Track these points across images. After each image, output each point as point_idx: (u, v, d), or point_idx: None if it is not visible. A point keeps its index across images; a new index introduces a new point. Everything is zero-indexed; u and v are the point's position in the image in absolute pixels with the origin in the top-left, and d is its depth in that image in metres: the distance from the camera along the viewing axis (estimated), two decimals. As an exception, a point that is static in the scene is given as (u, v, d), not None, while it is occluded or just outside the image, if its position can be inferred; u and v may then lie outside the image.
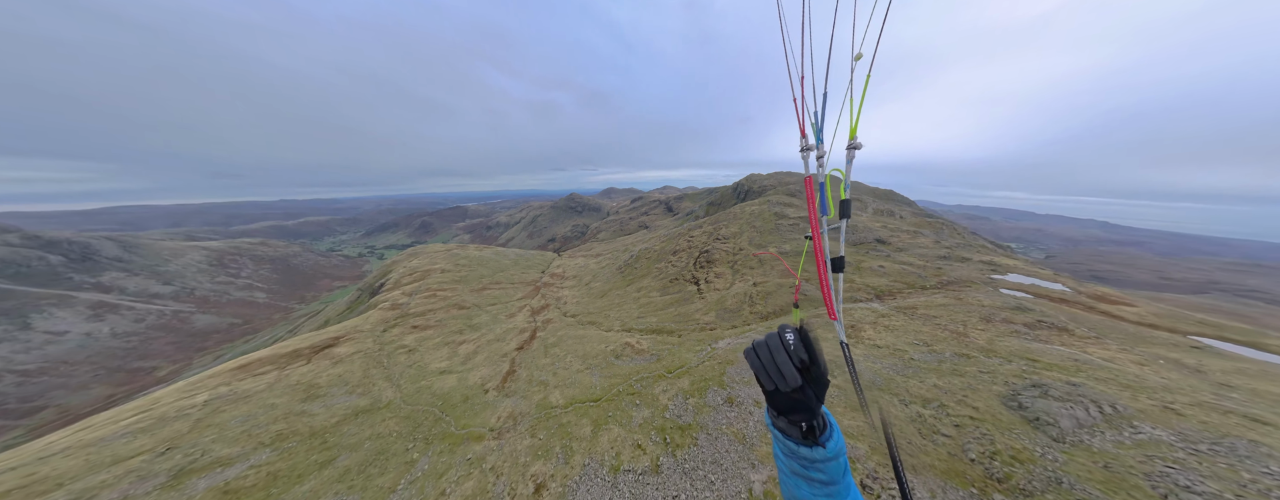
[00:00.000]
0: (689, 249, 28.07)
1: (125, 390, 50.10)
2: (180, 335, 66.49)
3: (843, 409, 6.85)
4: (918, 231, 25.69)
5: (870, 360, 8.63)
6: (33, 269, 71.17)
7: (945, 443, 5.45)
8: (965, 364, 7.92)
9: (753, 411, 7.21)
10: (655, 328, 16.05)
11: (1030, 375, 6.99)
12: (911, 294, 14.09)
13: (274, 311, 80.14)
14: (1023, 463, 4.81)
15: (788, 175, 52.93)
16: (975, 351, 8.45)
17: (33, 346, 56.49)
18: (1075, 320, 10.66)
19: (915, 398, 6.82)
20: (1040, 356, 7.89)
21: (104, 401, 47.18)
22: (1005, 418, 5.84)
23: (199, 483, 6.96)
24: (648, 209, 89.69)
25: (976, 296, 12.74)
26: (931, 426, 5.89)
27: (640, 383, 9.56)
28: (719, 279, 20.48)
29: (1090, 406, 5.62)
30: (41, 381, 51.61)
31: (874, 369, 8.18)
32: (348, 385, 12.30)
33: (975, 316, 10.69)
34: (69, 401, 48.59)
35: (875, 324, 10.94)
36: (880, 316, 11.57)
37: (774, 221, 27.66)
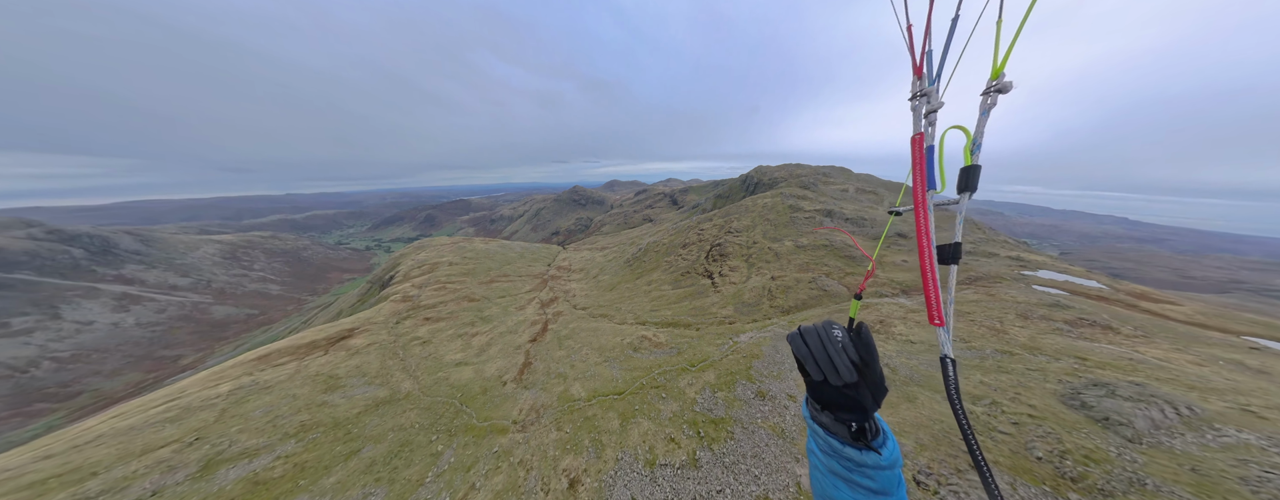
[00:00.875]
0: (699, 242, 27.61)
1: (154, 377, 52.46)
2: (201, 325, 68.98)
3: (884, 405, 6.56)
4: (937, 226, 24.77)
5: (905, 356, 8.29)
6: (57, 262, 73.68)
7: (1005, 440, 5.14)
8: (1009, 361, 7.54)
9: (788, 405, 6.99)
10: (670, 321, 15.83)
11: (1083, 374, 6.61)
12: None
13: (288, 303, 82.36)
14: (1097, 463, 4.49)
15: (798, 167, 51.53)
16: (1018, 348, 8.05)
17: (65, 335, 59.20)
18: (1119, 318, 10.14)
19: (963, 394, 6.51)
20: (1089, 355, 7.48)
21: (134, 387, 49.55)
22: (1068, 416, 5.48)
23: (228, 473, 6.98)
24: (652, 202, 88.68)
25: (1009, 293, 12.25)
26: (987, 423, 5.56)
27: (663, 376, 9.37)
28: (734, 273, 20.09)
29: (1165, 408, 5.23)
30: (76, 368, 54.23)
31: (911, 365, 7.84)
32: (366, 376, 12.34)
33: (1011, 313, 10.24)
34: (103, 387, 51.19)
35: (905, 319, 10.54)
36: (909, 312, 11.16)
37: (789, 214, 26.91)
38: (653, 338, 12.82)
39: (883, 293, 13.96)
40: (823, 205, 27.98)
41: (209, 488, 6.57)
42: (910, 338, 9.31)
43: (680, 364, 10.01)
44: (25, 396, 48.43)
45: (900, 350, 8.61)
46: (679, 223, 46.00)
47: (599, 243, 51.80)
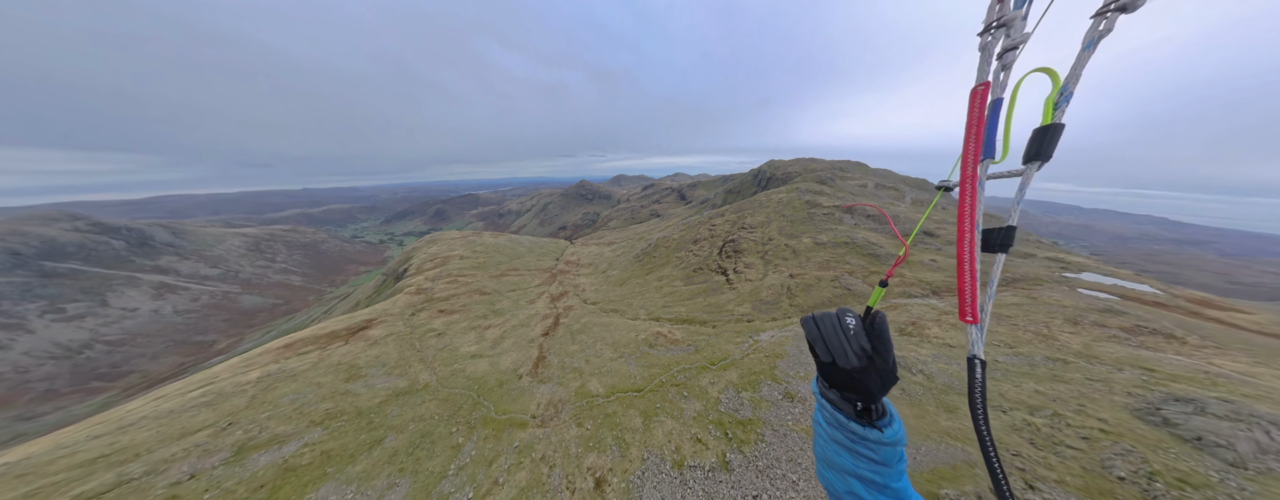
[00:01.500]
0: (711, 238, 27.01)
1: (193, 360, 55.92)
2: (231, 313, 73.14)
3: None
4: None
5: (943, 361, 7.76)
6: (101, 253, 78.86)
7: (1075, 456, 4.67)
8: (1064, 369, 6.93)
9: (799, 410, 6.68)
10: (685, 318, 15.53)
11: (1156, 387, 5.98)
12: None
13: (309, 293, 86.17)
14: (1197, 488, 3.99)
15: (813, 162, 49.67)
16: (1072, 356, 7.42)
17: (112, 321, 64.01)
18: (1184, 327, 9.27)
19: (1015, 403, 5.97)
20: (1156, 366, 6.80)
21: (176, 369, 53.13)
22: (1148, 434, 4.93)
23: (259, 458, 7.15)
24: (659, 197, 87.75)
25: (1052, 296, 11.42)
26: (1049, 437, 5.08)
27: (683, 374, 9.12)
28: (749, 270, 19.56)
29: (1271, 430, 4.61)
30: (124, 350, 58.79)
31: (950, 372, 7.32)
32: (386, 366, 12.56)
33: (1058, 318, 9.50)
34: (148, 368, 55.25)
35: (939, 322, 9.92)
36: (943, 313, 10.52)
37: (805, 211, 25.93)
38: (668, 334, 12.57)
39: (911, 293, 13.26)
40: (841, 201, 26.89)
41: (242, 472, 6.74)
42: (947, 341, 8.74)
43: (700, 362, 9.73)
44: (83, 375, 52.92)
45: (936, 355, 8.08)
46: (688, 218, 45.29)
47: (606, 238, 51.66)
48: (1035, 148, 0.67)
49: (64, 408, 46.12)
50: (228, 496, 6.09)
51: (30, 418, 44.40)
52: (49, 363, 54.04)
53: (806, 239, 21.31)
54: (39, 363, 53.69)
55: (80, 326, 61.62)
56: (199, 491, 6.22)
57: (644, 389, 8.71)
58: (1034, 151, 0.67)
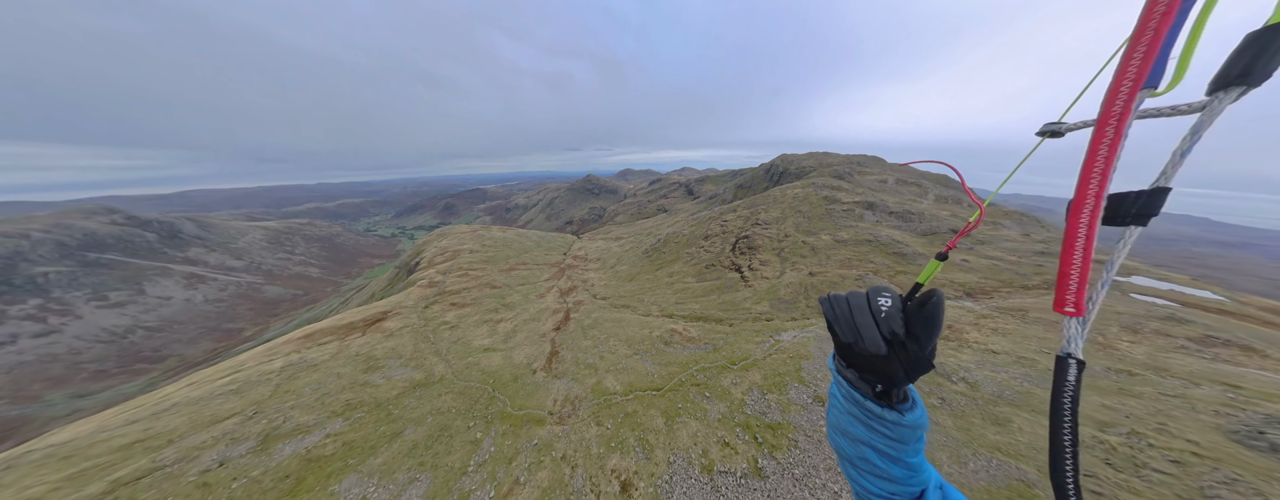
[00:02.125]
0: (723, 234, 26.33)
1: (224, 346, 59.22)
2: (256, 303, 76.92)
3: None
4: (997, 223, 22.06)
5: (988, 368, 7.16)
6: (136, 244, 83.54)
7: (1166, 481, 4.14)
8: (1131, 383, 6.27)
9: None
10: (700, 315, 15.18)
11: (1247, 406, 5.30)
12: (1012, 293, 12.06)
13: (327, 285, 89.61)
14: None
15: (828, 156, 47.68)
16: (1138, 368, 6.71)
17: (150, 308, 68.32)
18: (1260, 338, 8.32)
19: (1083, 418, 5.42)
20: (1241, 382, 6.05)
21: (210, 354, 56.57)
22: (1255, 461, 4.34)
23: (284, 447, 7.23)
24: (666, 192, 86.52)
25: None
26: (1129, 458, 4.54)
27: (703, 373, 8.82)
28: (766, 267, 18.92)
29: None
30: (162, 336, 62.76)
31: (1000, 380, 6.74)
32: (402, 358, 12.70)
33: (1113, 325, 8.71)
34: (185, 352, 58.90)
35: (978, 325, 9.25)
36: (981, 317, 9.80)
37: (824, 207, 24.85)
38: (683, 332, 12.28)
39: (946, 295, 12.50)
40: (862, 197, 25.61)
41: (268, 462, 6.82)
42: (990, 347, 8.08)
43: (719, 361, 9.40)
44: (128, 358, 56.62)
45: (979, 360, 7.47)
46: (697, 213, 44.42)
47: (613, 232, 51.37)
48: (1244, 63, 0.39)
49: (113, 387, 49.97)
50: (255, 486, 6.16)
51: (85, 395, 48.33)
52: (97, 346, 58.33)
53: (826, 236, 20.46)
54: (89, 345, 58.02)
55: (122, 313, 66.01)
56: (227, 480, 6.32)
57: (663, 388, 8.45)
58: (1242, 68, 0.40)
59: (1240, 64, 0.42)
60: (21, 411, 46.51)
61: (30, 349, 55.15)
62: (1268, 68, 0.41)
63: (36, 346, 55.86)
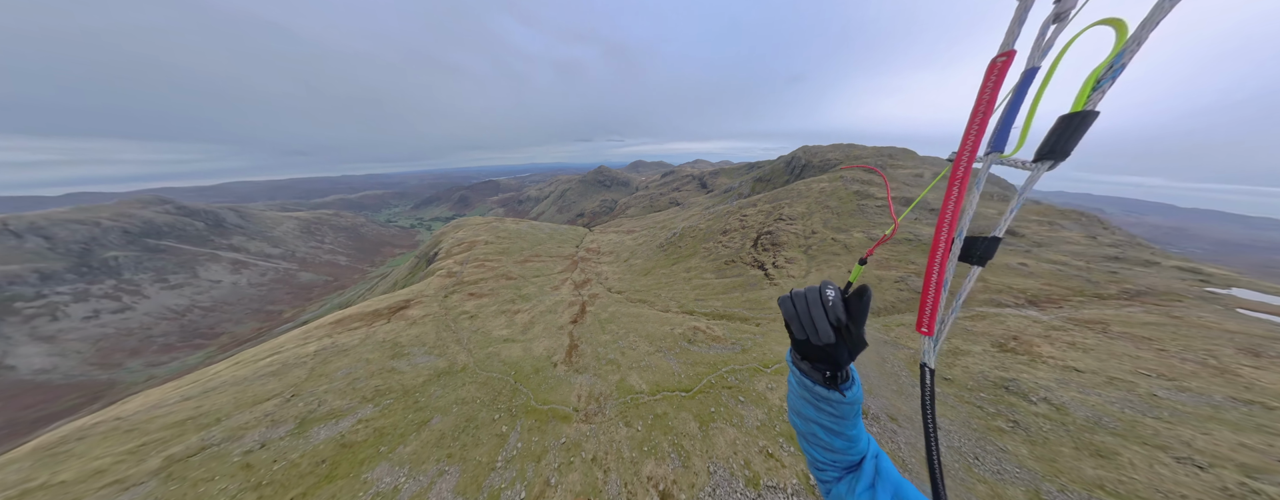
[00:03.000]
0: (743, 229, 25.20)
1: (266, 326, 65.32)
2: (292, 287, 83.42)
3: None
4: (1053, 223, 19.60)
5: (1072, 388, 6.16)
6: (187, 232, 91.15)
7: None
8: (1271, 417, 5.17)
9: (895, 431, 5.64)
10: (722, 313, 14.56)
11: None
12: (1086, 303, 10.67)
13: (354, 272, 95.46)
14: None
15: (854, 148, 44.46)
16: (1274, 400, 5.53)
17: (203, 290, 75.54)
18: None
19: (1217, 458, 4.45)
20: None
21: (256, 332, 62.46)
22: None
23: (319, 432, 7.38)
24: (679, 184, 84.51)
25: (1201, 316, 8.99)
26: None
27: (733, 375, 8.29)
28: (791, 265, 17.88)
29: None
30: (215, 315, 69.71)
31: (1093, 404, 5.75)
32: (426, 346, 12.90)
33: (1225, 345, 7.34)
34: (235, 330, 65.42)
35: (1049, 338, 8.11)
36: (1052, 329, 8.62)
37: (855, 202, 23.14)
38: (706, 330, 11.75)
39: (1001, 301, 11.21)
40: (897, 192, 23.61)
41: (305, 445, 6.97)
42: (1070, 364, 7.01)
43: (750, 364, 8.83)
44: (188, 334, 63.54)
45: (1061, 379, 6.47)
46: (714, 207, 42.95)
47: (625, 225, 50.83)
48: (1052, 142, 0.54)
49: (178, 358, 56.44)
50: (293, 469, 6.28)
51: (157, 365, 54.94)
52: (163, 322, 65.44)
53: (858, 233, 19.04)
54: (156, 321, 65.20)
55: (180, 293, 73.22)
56: (268, 461, 6.48)
57: (692, 389, 8.01)
58: (1050, 147, 0.55)
59: (1052, 141, 0.54)
60: (109, 376, 53.59)
61: (111, 323, 62.66)
62: (1067, 146, 0.54)
63: (115, 321, 63.38)
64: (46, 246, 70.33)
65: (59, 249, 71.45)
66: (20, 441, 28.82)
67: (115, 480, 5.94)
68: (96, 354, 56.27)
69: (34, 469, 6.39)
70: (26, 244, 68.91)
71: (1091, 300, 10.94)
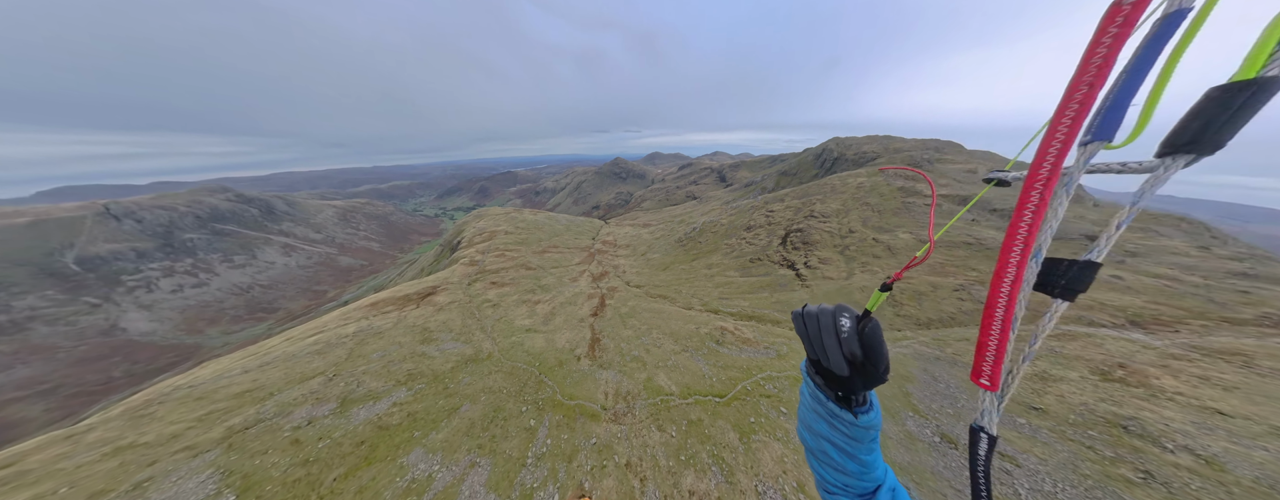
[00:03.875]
0: (769, 225, 23.76)
1: (314, 304, 72.93)
2: (334, 270, 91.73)
3: None
4: (1149, 229, 16.42)
5: (1223, 437, 4.79)
6: (246, 218, 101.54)
7: None
8: None
9: (950, 451, 4.92)
10: (750, 314, 13.77)
11: None
12: (1212, 329, 8.68)
13: (385, 258, 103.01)
14: None
15: (894, 140, 40.40)
16: None
17: (262, 270, 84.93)
18: None
19: None
20: None
21: (306, 308, 69.88)
22: None
23: (359, 412, 7.64)
24: (697, 177, 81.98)
25: None
26: None
27: (772, 383, 7.65)
28: (827, 266, 16.53)
29: None
30: (273, 293, 78.85)
31: (1257, 458, 4.41)
32: (453, 332, 13.23)
33: None
34: (289, 306, 73.69)
35: (1169, 369, 6.59)
36: (1170, 358, 7.01)
37: (899, 199, 20.89)
38: (735, 331, 11.10)
39: (1098, 321, 9.53)
40: (949, 189, 21.00)
41: (346, 424, 7.23)
42: (1213, 405, 5.51)
43: (788, 370, 8.13)
44: (253, 308, 72.42)
45: (1204, 426, 5.10)
46: (735, 202, 41.13)
47: (640, 219, 50.16)
48: (1197, 127, 0.34)
49: (246, 328, 64.76)
50: (336, 448, 6.51)
51: (230, 333, 63.39)
52: (232, 297, 74.81)
53: (905, 234, 17.16)
54: (227, 296, 74.68)
55: (243, 272, 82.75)
56: (315, 438, 6.76)
57: (726, 395, 7.48)
58: (1192, 134, 0.35)
59: (1192, 128, 0.36)
60: (194, 340, 63.07)
61: (192, 296, 72.58)
62: (1220, 134, 0.34)
63: (196, 294, 73.32)
64: (139, 229, 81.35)
65: (148, 230, 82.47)
66: (138, 388, 36.32)
67: (187, 446, 6.43)
68: (184, 321, 65.73)
69: (124, 428, 7.09)
70: (124, 226, 80.00)
71: (1218, 325, 8.93)
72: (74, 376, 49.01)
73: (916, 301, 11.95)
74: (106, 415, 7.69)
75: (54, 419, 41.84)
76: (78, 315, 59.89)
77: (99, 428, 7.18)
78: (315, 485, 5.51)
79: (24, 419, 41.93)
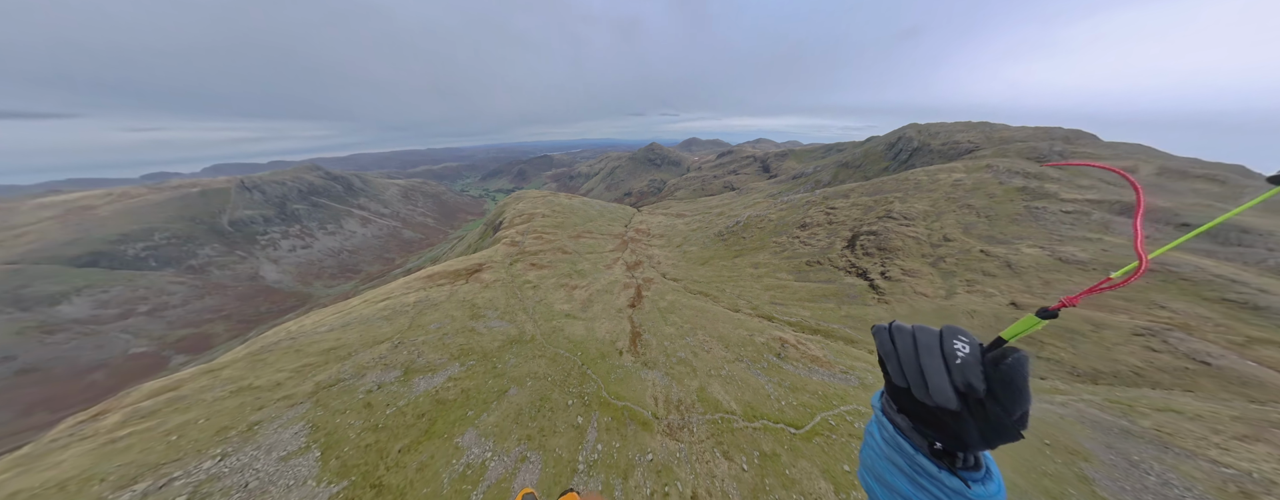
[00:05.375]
0: (829, 224, 20.57)
1: (387, 268, 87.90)
2: (399, 241, 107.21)
3: None
4: None
5: None
6: (333, 193, 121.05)
7: None
8: None
9: None
10: (814, 327, 11.93)
11: None
12: None
13: (439, 233, 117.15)
14: None
15: (1002, 128, 31.99)
16: None
17: (346, 237, 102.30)
18: None
19: None
20: None
21: (381, 272, 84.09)
22: None
23: (419, 383, 7.97)
24: (737, 167, 75.88)
25: None
26: None
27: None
28: (914, 279, 13.44)
29: None
30: (356, 257, 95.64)
31: None
32: (498, 310, 13.63)
33: None
34: (368, 269, 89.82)
35: None
36: None
37: (1020, 202, 15.81)
38: (797, 345, 9.54)
39: (1029, 356, 6.09)
40: (1098, 193, 15.34)
41: (409, 393, 7.56)
42: None
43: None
44: (343, 268, 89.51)
45: None
46: (785, 196, 36.96)
47: (674, 208, 48.15)
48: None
49: (339, 284, 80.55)
50: (400, 417, 6.78)
51: (330, 287, 79.49)
52: (328, 258, 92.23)
53: (1030, 247, 12.86)
54: (325, 257, 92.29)
55: (335, 238, 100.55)
56: (383, 404, 7.14)
57: (803, 427, 6.23)
58: None
59: None
60: (307, 289, 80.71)
61: (302, 255, 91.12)
62: None
63: (304, 254, 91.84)
64: (263, 199, 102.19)
65: (269, 201, 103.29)
66: (276, 322, 48.69)
67: (285, 396, 7.19)
68: (298, 275, 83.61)
69: (246, 370, 8.26)
70: (254, 196, 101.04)
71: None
72: (239, 308, 67.19)
73: (1068, 342, 8.53)
74: (235, 355, 9.10)
75: (233, 334, 57.66)
76: (234, 263, 79.26)
77: (229, 366, 8.45)
78: (383, 455, 5.68)
79: (214, 333, 58.79)
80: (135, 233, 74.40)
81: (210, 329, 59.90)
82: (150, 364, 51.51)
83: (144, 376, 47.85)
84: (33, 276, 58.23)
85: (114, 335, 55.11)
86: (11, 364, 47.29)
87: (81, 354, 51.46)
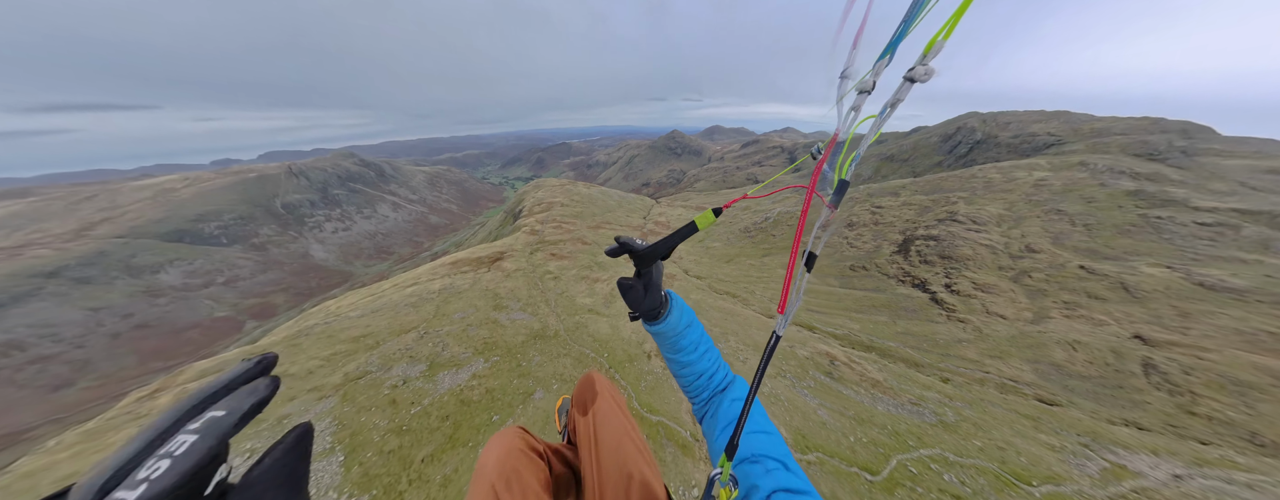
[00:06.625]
0: (876, 225, 18.26)
1: (416, 251, 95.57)
2: (426, 226, 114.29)
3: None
4: None
5: None
6: (366, 179, 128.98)
7: None
8: None
9: None
10: (866, 342, 10.50)
11: None
12: None
13: (462, 219, 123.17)
14: None
15: (1091, 120, 26.64)
16: None
17: (379, 221, 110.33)
18: None
19: None
20: None
21: (411, 255, 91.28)
22: None
23: (444, 379, 7.69)
24: (762, 158, 71.27)
25: None
26: None
27: (953, 472, 5.02)
28: (990, 296, 11.15)
29: None
30: (389, 240, 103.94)
31: None
32: (520, 302, 13.33)
33: None
34: (400, 251, 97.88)
35: None
36: None
37: (1134, 210, 12.18)
38: (850, 364, 8.32)
39: None
40: (1244, 201, 11.71)
41: (434, 390, 7.29)
42: None
43: (971, 455, 5.26)
44: (378, 250, 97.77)
45: None
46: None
47: (693, 201, 46.24)
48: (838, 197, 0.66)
49: (376, 265, 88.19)
50: (424, 417, 6.50)
51: (368, 266, 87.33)
52: (365, 240, 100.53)
53: (1156, 268, 9.76)
54: (363, 239, 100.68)
55: (370, 221, 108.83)
56: (408, 402, 6.90)
57: (878, 473, 5.20)
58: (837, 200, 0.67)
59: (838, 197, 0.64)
60: (349, 268, 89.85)
61: (344, 237, 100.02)
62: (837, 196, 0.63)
63: (346, 236, 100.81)
64: (309, 184, 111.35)
65: (314, 186, 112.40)
66: (324, 297, 55.06)
67: (315, 387, 7.15)
68: (342, 255, 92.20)
69: (283, 355, 8.39)
70: (301, 182, 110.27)
71: None
72: (295, 282, 76.33)
73: (1238, 398, 6.05)
74: (274, 338, 9.38)
75: (291, 304, 67.49)
76: (288, 242, 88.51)
77: (269, 350, 8.63)
78: (406, 464, 5.36)
79: (277, 303, 68.00)
80: (209, 213, 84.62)
81: (273, 299, 68.54)
82: (230, 326, 59.98)
83: (227, 336, 55.91)
84: (137, 249, 68.42)
85: (200, 301, 64.36)
86: (131, 320, 56.64)
87: (179, 315, 60.41)
